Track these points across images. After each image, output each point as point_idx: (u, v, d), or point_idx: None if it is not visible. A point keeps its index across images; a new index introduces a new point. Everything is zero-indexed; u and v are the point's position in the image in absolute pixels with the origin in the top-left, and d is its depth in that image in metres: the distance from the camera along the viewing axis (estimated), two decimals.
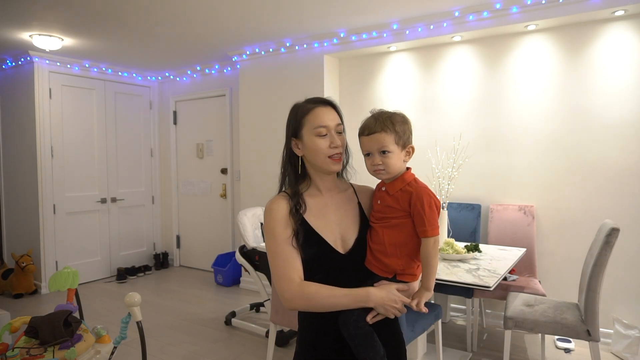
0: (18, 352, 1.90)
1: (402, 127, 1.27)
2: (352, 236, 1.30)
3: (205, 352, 3.17)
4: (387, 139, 1.25)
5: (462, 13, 3.35)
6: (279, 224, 1.24)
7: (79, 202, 4.94)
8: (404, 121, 1.29)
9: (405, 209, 1.25)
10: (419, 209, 1.22)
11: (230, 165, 5.14)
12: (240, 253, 3.45)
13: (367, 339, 1.22)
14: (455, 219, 3.52)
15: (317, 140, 1.25)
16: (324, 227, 1.28)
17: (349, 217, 1.32)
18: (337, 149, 1.26)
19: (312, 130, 1.26)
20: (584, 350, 3.04)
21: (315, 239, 1.26)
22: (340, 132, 1.29)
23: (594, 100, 3.17)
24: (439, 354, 2.66)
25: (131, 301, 2.06)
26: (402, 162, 1.29)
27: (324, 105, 1.29)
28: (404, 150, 1.29)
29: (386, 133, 1.25)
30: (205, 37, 4.07)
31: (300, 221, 1.25)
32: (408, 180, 1.28)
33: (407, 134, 1.28)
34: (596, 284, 2.32)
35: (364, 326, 1.22)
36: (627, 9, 2.91)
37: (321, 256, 1.26)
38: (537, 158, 3.38)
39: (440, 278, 2.25)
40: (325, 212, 1.30)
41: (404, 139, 1.28)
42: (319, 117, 1.26)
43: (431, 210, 1.22)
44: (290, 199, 1.27)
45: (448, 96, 3.73)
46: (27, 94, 4.61)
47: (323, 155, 1.26)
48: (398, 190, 1.27)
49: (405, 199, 1.25)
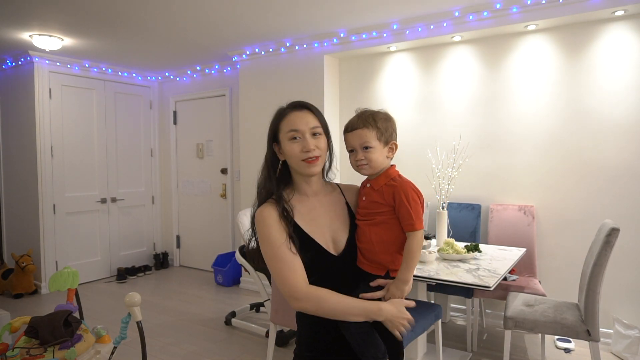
0: (18, 352, 1.90)
1: (385, 124, 1.31)
2: (343, 237, 1.31)
3: (205, 352, 3.17)
4: (368, 135, 1.29)
5: (462, 13, 3.35)
6: (273, 229, 1.23)
7: (79, 202, 4.94)
8: (387, 118, 1.32)
9: (389, 203, 1.27)
10: (404, 202, 1.24)
11: (230, 165, 5.13)
12: (240, 253, 3.45)
13: (368, 337, 1.23)
14: (455, 219, 3.52)
15: (290, 144, 1.26)
16: (315, 231, 1.29)
17: (339, 218, 1.33)
18: (310, 153, 1.24)
19: (285, 134, 1.27)
20: (584, 350, 3.04)
21: (309, 243, 1.26)
22: (317, 134, 1.27)
23: (594, 100, 3.16)
24: (439, 354, 2.66)
25: (131, 301, 2.05)
26: (385, 157, 1.32)
27: (299, 109, 1.29)
28: (387, 146, 1.31)
29: (368, 129, 1.29)
30: (205, 37, 4.07)
31: (292, 226, 1.25)
32: (392, 175, 1.31)
33: (390, 130, 1.32)
34: (596, 284, 2.32)
35: (364, 324, 1.23)
36: (627, 9, 2.91)
37: (316, 260, 1.26)
38: (537, 158, 3.38)
39: (440, 278, 2.26)
40: (315, 216, 1.31)
41: (387, 136, 1.31)
42: (291, 121, 1.27)
43: (416, 203, 1.25)
44: (277, 204, 1.27)
45: (448, 96, 3.73)
46: (27, 94, 4.61)
47: (297, 159, 1.26)
48: (383, 185, 1.29)
49: (389, 193, 1.27)
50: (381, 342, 1.24)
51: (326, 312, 1.20)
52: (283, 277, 1.21)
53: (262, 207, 1.28)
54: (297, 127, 1.26)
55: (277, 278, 1.23)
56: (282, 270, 1.21)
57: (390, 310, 1.21)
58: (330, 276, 1.26)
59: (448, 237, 3.10)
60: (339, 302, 1.19)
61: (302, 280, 1.21)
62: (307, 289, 1.20)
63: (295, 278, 1.20)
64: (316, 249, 1.26)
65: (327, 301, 1.19)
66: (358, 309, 1.20)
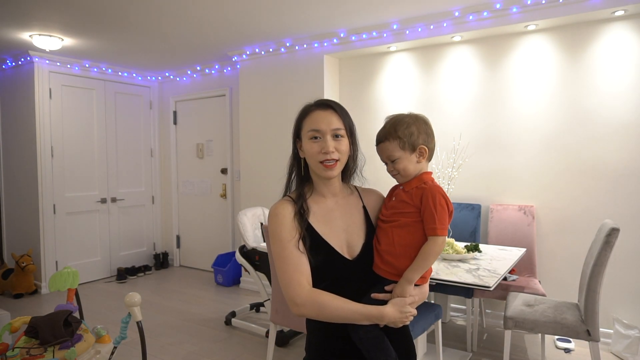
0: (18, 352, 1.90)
1: (407, 130, 1.27)
2: (359, 242, 1.27)
3: (205, 352, 3.17)
4: (390, 147, 1.28)
5: (462, 13, 3.35)
6: (284, 228, 1.21)
7: (79, 202, 4.94)
8: (411, 123, 1.28)
9: (416, 204, 1.24)
10: (430, 205, 1.21)
11: (230, 165, 5.14)
12: (240, 253, 3.45)
13: (378, 343, 1.20)
14: (455, 219, 3.52)
15: (310, 144, 1.23)
16: (330, 233, 1.26)
17: (355, 222, 1.30)
18: (328, 155, 1.21)
19: (306, 133, 1.24)
20: (584, 350, 3.04)
21: (322, 246, 1.23)
22: (339, 135, 1.23)
23: (593, 100, 3.17)
24: (439, 354, 2.66)
25: (131, 301, 2.06)
26: (416, 164, 1.29)
27: (323, 109, 1.25)
28: (415, 152, 1.28)
29: (389, 141, 1.28)
30: (205, 37, 4.07)
31: (306, 226, 1.23)
32: (425, 179, 1.28)
33: (415, 135, 1.27)
34: (596, 284, 2.32)
35: (375, 330, 1.20)
36: (627, 9, 2.91)
37: (328, 263, 1.23)
38: (537, 158, 3.38)
39: (440, 278, 2.26)
40: (331, 218, 1.28)
41: (411, 142, 1.27)
42: (314, 120, 1.24)
43: (442, 208, 1.21)
44: (295, 203, 1.25)
45: (448, 96, 3.73)
46: (27, 94, 4.61)
47: (315, 160, 1.23)
48: (414, 187, 1.27)
49: (418, 195, 1.24)
50: (392, 348, 1.21)
51: (327, 318, 1.18)
52: (286, 280, 1.19)
53: (278, 204, 1.26)
54: (318, 126, 1.22)
55: (280, 279, 1.21)
56: (286, 271, 1.19)
57: (392, 314, 1.18)
58: (343, 281, 1.23)
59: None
60: (339, 307, 1.16)
61: (306, 282, 1.19)
62: (308, 294, 1.17)
63: (299, 280, 1.18)
64: (329, 252, 1.23)
65: (328, 307, 1.16)
66: (360, 314, 1.17)
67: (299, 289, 1.17)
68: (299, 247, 1.20)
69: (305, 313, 1.18)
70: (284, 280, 1.19)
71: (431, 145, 1.30)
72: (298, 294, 1.17)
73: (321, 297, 1.17)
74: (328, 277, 1.22)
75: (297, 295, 1.17)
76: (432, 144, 1.31)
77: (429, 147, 1.30)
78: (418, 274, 1.22)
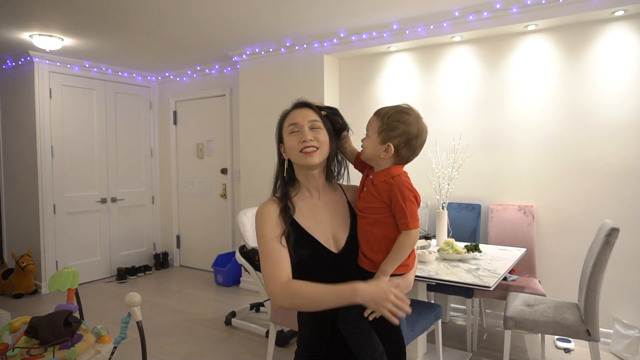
0: (18, 352, 1.90)
1: (390, 121, 1.27)
2: (343, 235, 1.31)
3: (205, 352, 3.17)
4: (373, 123, 1.30)
5: (462, 13, 3.36)
6: (267, 226, 1.25)
7: (79, 202, 4.94)
8: (398, 119, 1.28)
9: (384, 201, 1.25)
10: (399, 201, 1.23)
11: (230, 165, 5.14)
12: (240, 253, 3.45)
13: (365, 337, 1.21)
14: (455, 219, 3.52)
15: (289, 138, 1.30)
16: (315, 228, 1.29)
17: (340, 216, 1.34)
18: (307, 142, 1.26)
19: (286, 130, 1.31)
20: (584, 350, 3.04)
21: (308, 240, 1.27)
22: (317, 128, 1.29)
23: (593, 100, 3.17)
24: (439, 354, 2.66)
25: (131, 301, 2.05)
26: (378, 153, 1.27)
27: (299, 107, 1.33)
28: (384, 145, 1.27)
29: (375, 118, 1.31)
30: (206, 37, 4.07)
31: (291, 222, 1.27)
32: (393, 174, 1.27)
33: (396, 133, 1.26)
34: (596, 283, 2.32)
35: (362, 324, 1.21)
36: (627, 9, 2.91)
37: (315, 257, 1.26)
38: (537, 158, 3.38)
39: (441, 278, 2.26)
40: (316, 213, 1.32)
41: (386, 132, 1.26)
42: (291, 117, 1.31)
43: (411, 202, 1.23)
44: (280, 201, 1.30)
45: (448, 96, 3.73)
46: (27, 94, 4.61)
47: (296, 151, 1.28)
48: (381, 181, 1.27)
49: (386, 191, 1.25)
50: (379, 343, 1.22)
51: (305, 307, 1.20)
52: (267, 275, 1.22)
53: (263, 204, 1.31)
54: (295, 120, 1.29)
55: (264, 274, 1.24)
56: (267, 267, 1.23)
57: (366, 289, 1.15)
58: (330, 274, 1.25)
59: (448, 237, 3.10)
60: (312, 291, 1.17)
61: (285, 276, 1.21)
62: (283, 285, 1.19)
63: (278, 274, 1.21)
64: (315, 246, 1.27)
65: (301, 294, 1.17)
66: (331, 294, 1.16)
67: (276, 282, 1.20)
68: (282, 242, 1.24)
69: (284, 305, 1.19)
70: (265, 276, 1.23)
71: (402, 152, 1.27)
72: (275, 288, 1.20)
73: (294, 286, 1.19)
74: (315, 271, 1.25)
75: (274, 289, 1.20)
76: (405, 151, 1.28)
77: (400, 152, 1.27)
78: (393, 266, 1.24)
